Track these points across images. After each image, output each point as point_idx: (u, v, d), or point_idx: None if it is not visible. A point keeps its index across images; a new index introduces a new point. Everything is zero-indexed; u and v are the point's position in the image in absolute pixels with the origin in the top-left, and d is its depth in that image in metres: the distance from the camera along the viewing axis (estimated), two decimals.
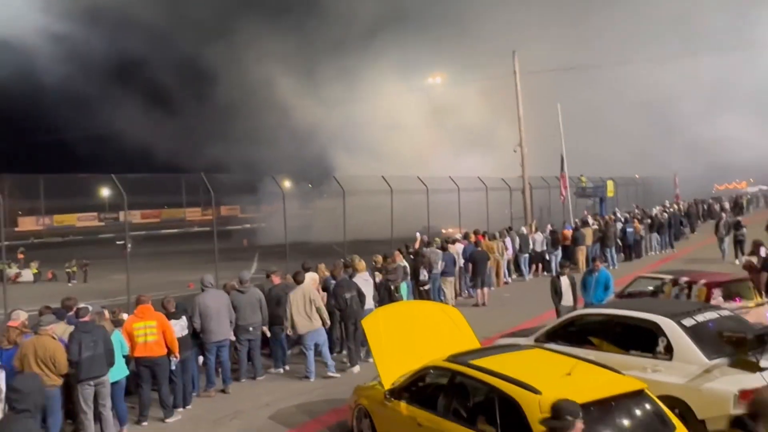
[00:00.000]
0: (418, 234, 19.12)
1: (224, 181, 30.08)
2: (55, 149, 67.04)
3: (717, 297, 10.68)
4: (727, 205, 45.78)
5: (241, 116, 59.99)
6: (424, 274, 15.78)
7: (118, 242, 24.72)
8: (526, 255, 21.34)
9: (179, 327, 9.63)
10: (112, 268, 25.58)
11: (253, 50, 58.48)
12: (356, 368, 11.49)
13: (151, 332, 9.14)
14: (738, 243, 21.63)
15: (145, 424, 9.27)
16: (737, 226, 22.40)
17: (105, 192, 49.18)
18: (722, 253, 22.39)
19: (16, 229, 55.39)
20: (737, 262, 18.73)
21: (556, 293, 12.26)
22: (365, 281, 12.27)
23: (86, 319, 8.45)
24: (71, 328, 8.52)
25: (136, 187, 18.21)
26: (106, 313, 10.03)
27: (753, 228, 24.90)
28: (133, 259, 16.92)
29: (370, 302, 12.31)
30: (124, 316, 10.35)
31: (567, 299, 12.16)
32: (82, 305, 8.99)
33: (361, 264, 12.66)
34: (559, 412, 4.71)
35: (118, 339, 8.82)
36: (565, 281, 12.27)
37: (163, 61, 62.82)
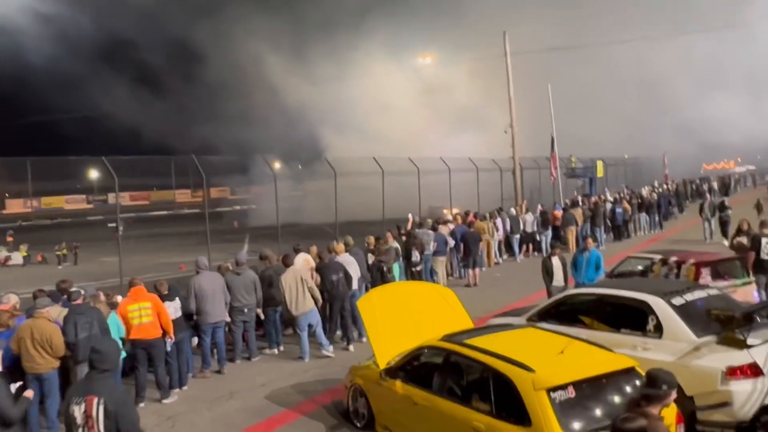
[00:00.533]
0: (410, 215, 19.19)
1: (214, 163, 30.01)
2: (43, 131, 66.46)
3: (705, 276, 10.86)
4: (715, 185, 46.22)
5: (230, 96, 59.71)
6: (416, 255, 15.88)
7: (109, 224, 24.60)
8: (517, 236, 21.49)
9: (173, 309, 9.68)
10: (102, 250, 25.57)
11: (242, 29, 58.03)
12: (351, 347, 11.66)
13: (146, 314, 9.19)
14: (723, 224, 21.65)
15: (142, 405, 9.33)
16: (722, 207, 22.39)
17: (94, 174, 48.90)
18: (704, 233, 22.40)
19: (4, 211, 55.09)
20: (725, 242, 18.75)
21: (548, 273, 12.40)
22: (347, 264, 12.30)
23: (79, 301, 8.48)
24: (66, 311, 8.56)
25: (125, 169, 18.13)
26: (102, 295, 10.06)
27: (742, 207, 25.21)
28: (124, 242, 16.88)
29: (356, 283, 12.40)
30: (119, 298, 10.40)
31: (558, 279, 12.31)
32: (74, 289, 9.01)
33: (339, 246, 12.71)
34: (656, 381, 4.67)
35: (115, 321, 8.87)
36: (556, 261, 12.42)
37: (151, 41, 62.18)
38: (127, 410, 5.00)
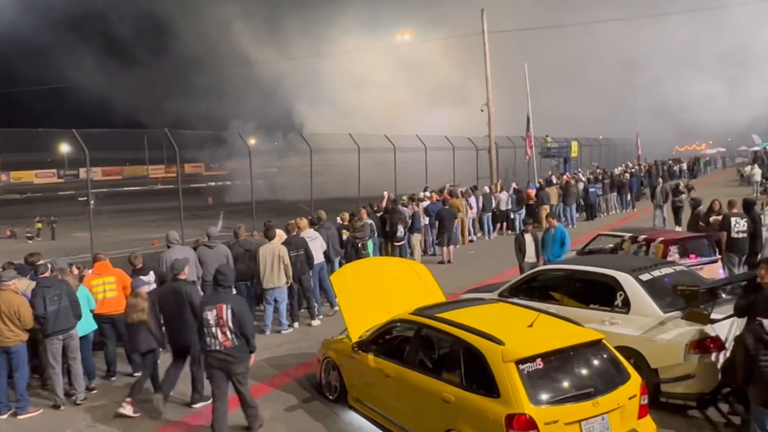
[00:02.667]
0: (386, 192, 19.22)
1: (188, 137, 29.57)
2: (9, 103, 64.61)
3: (673, 254, 11.06)
4: (684, 166, 46.92)
5: (204, 70, 58.67)
6: (400, 230, 15.97)
7: (80, 198, 24.22)
8: (489, 214, 21.64)
9: (148, 282, 9.58)
10: (74, 225, 25.17)
11: (216, 1, 56.98)
12: (296, 325, 11.74)
13: (110, 288, 9.13)
14: (676, 210, 20.07)
15: (113, 378, 9.32)
16: (676, 191, 20.88)
17: (65, 148, 47.77)
18: (655, 221, 20.19)
19: None
20: (678, 228, 17.77)
21: (520, 250, 12.55)
22: (310, 239, 12.28)
23: (46, 274, 8.36)
24: (34, 284, 8.45)
25: (96, 142, 17.78)
26: (74, 268, 9.94)
27: (711, 188, 25.64)
28: (96, 217, 16.64)
29: (320, 257, 12.39)
30: (89, 272, 10.27)
31: (530, 256, 12.47)
32: (41, 262, 8.89)
33: (302, 222, 12.67)
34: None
35: (84, 294, 8.78)
36: (528, 238, 12.56)
37: (123, 12, 60.76)
38: (245, 313, 7.07)
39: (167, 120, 42.59)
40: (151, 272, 9.87)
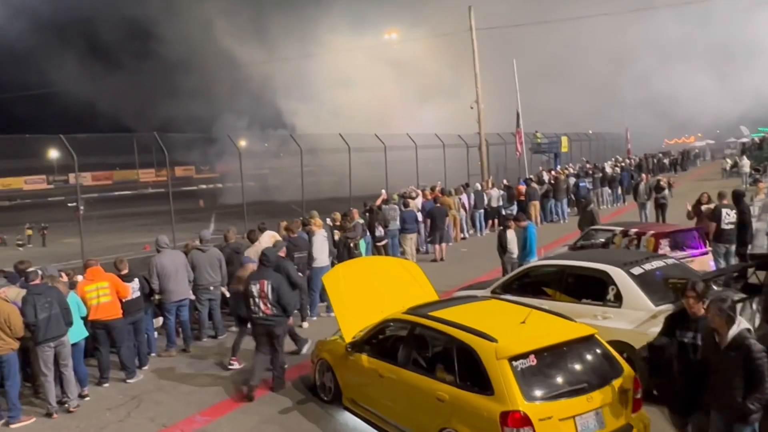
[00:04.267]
0: (383, 191, 19.24)
1: (178, 141, 29.50)
2: None
3: (664, 247, 11.11)
4: (675, 159, 47.10)
5: (191, 73, 58.17)
6: (380, 231, 15.94)
7: (69, 204, 24.08)
8: (481, 211, 21.67)
9: (131, 289, 9.53)
10: (65, 231, 25.03)
11: (201, 3, 56.74)
12: (304, 324, 11.69)
13: (103, 293, 9.05)
14: (660, 208, 19.39)
15: (106, 385, 9.25)
16: (658, 187, 20.03)
17: (53, 154, 47.54)
18: (642, 219, 19.69)
19: None
20: None
21: (502, 246, 12.54)
22: (324, 238, 12.29)
23: (36, 282, 8.30)
24: (24, 291, 8.37)
25: (85, 147, 17.69)
26: (64, 275, 9.87)
27: (699, 181, 25.72)
28: (87, 222, 16.55)
29: (325, 260, 12.35)
30: (79, 278, 10.20)
31: (512, 251, 12.43)
32: (31, 269, 8.82)
33: (317, 221, 12.66)
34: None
35: (75, 300, 8.71)
36: (510, 234, 12.52)
37: (106, 16, 60.30)
38: (283, 287, 8.52)
39: (156, 123, 42.31)
40: (136, 279, 9.80)
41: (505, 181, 24.27)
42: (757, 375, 4.86)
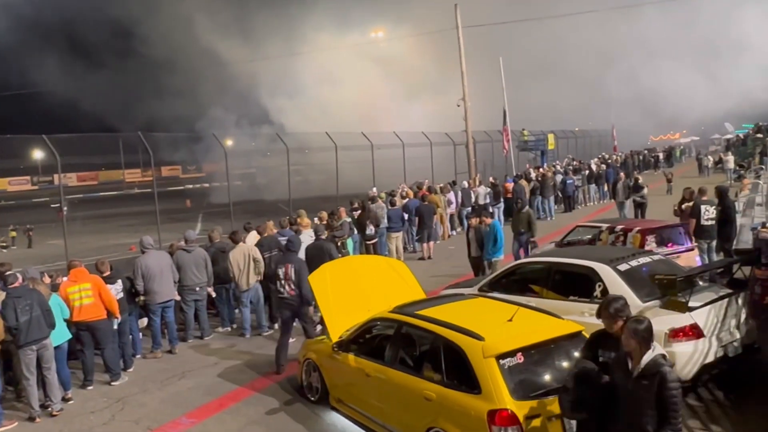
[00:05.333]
0: (374, 189, 19.24)
1: (163, 140, 29.26)
2: None
3: (651, 243, 11.15)
4: (660, 156, 47.44)
5: (175, 72, 57.67)
6: (371, 229, 15.90)
7: (53, 205, 23.83)
8: (469, 208, 21.66)
9: (114, 291, 9.40)
10: (50, 232, 24.77)
11: (183, 1, 56.32)
12: (276, 326, 11.44)
13: (86, 295, 8.91)
14: (639, 207, 19.24)
15: (90, 387, 9.13)
16: (636, 187, 19.77)
17: (37, 154, 46.92)
18: (621, 218, 18.80)
19: None
20: None
21: (468, 245, 12.49)
22: (310, 238, 12.21)
23: (16, 284, 8.16)
24: (4, 294, 8.24)
25: (69, 148, 17.49)
26: (47, 277, 9.74)
27: (685, 178, 25.87)
28: (72, 223, 16.40)
29: None
30: (63, 279, 10.07)
31: (474, 250, 12.47)
32: (10, 272, 8.68)
33: (304, 220, 12.58)
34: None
35: (57, 302, 8.58)
36: (472, 233, 12.53)
37: (88, 16, 59.56)
38: (303, 272, 9.21)
39: (141, 123, 41.86)
40: (119, 281, 9.69)
41: (491, 179, 24.28)
42: (671, 406, 4.44)
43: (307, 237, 12.21)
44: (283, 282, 9.29)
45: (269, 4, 56.80)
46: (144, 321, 10.78)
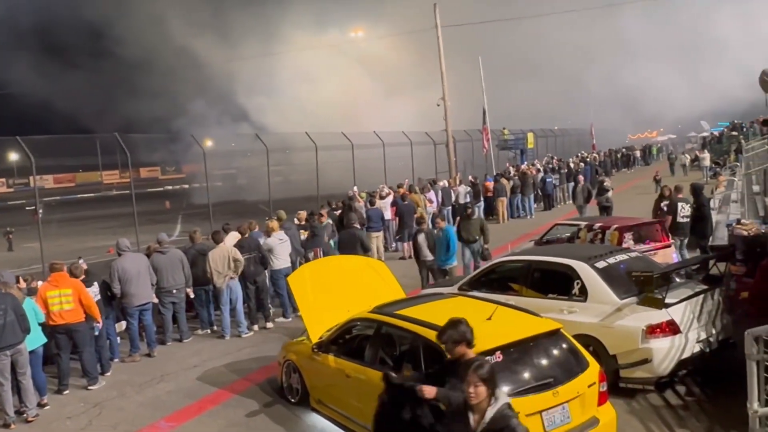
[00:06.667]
0: (355, 188, 19.21)
1: (142, 142, 28.98)
2: None
3: (628, 240, 11.26)
4: (638, 154, 47.94)
5: (153, 73, 57.01)
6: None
7: (28, 208, 23.48)
8: (449, 207, 21.72)
9: (91, 294, 9.28)
10: (26, 236, 24.39)
11: (158, 2, 55.77)
12: (255, 327, 11.55)
13: (66, 300, 8.76)
14: (604, 210, 18.10)
15: (67, 392, 8.99)
16: (600, 189, 18.75)
17: (12, 156, 46.21)
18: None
19: None
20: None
21: (415, 250, 12.43)
22: (280, 242, 12.12)
23: None
24: None
25: (44, 149, 17.25)
26: (22, 281, 9.57)
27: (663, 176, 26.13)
28: (48, 226, 16.16)
29: (286, 261, 12.15)
30: (39, 283, 9.91)
31: (425, 254, 12.36)
32: None
33: (273, 223, 12.48)
34: None
35: (31, 306, 8.42)
36: (421, 237, 12.42)
37: (63, 16, 58.62)
38: (330, 250, 11.03)
39: (119, 124, 41.39)
40: (95, 283, 9.55)
41: (471, 178, 24.37)
42: None
43: (276, 240, 12.07)
44: None
45: (246, 4, 56.48)
46: (122, 324, 10.65)
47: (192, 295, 11.28)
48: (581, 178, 21.06)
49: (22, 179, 55.58)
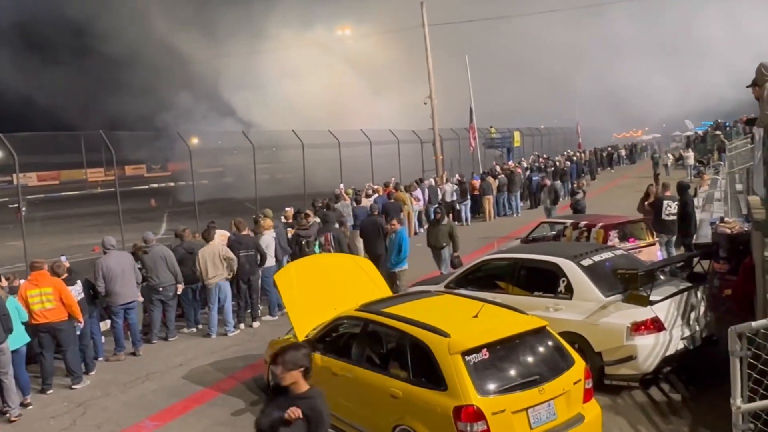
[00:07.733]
0: (342, 186, 19.17)
1: (126, 139, 28.73)
2: None
3: (613, 238, 11.34)
4: (623, 153, 48.26)
5: (138, 70, 56.45)
6: None
7: (10, 206, 23.22)
8: (435, 205, 21.72)
9: (75, 292, 9.18)
10: (9, 234, 24.10)
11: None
12: (242, 326, 11.56)
13: (47, 299, 8.67)
14: (578, 212, 16.40)
15: (50, 392, 8.91)
16: (573, 192, 18.13)
17: None
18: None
19: None
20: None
21: (385, 251, 12.40)
22: (271, 238, 12.10)
23: None
24: None
25: (27, 147, 17.06)
26: (4, 280, 9.47)
27: (648, 175, 26.32)
28: (32, 224, 15.96)
29: (273, 259, 12.17)
30: (22, 281, 9.79)
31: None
32: None
33: (267, 222, 12.45)
34: None
35: (14, 305, 8.33)
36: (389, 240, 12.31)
37: (46, 12, 57.92)
38: (341, 236, 12.16)
39: (104, 122, 41.03)
40: (78, 282, 9.47)
41: (458, 176, 24.42)
42: None
43: (269, 238, 12.06)
44: (325, 248, 11.93)
45: (232, 1, 56.14)
46: (106, 323, 10.57)
47: (179, 292, 11.19)
48: (546, 181, 20.89)
49: (4, 177, 54.88)
